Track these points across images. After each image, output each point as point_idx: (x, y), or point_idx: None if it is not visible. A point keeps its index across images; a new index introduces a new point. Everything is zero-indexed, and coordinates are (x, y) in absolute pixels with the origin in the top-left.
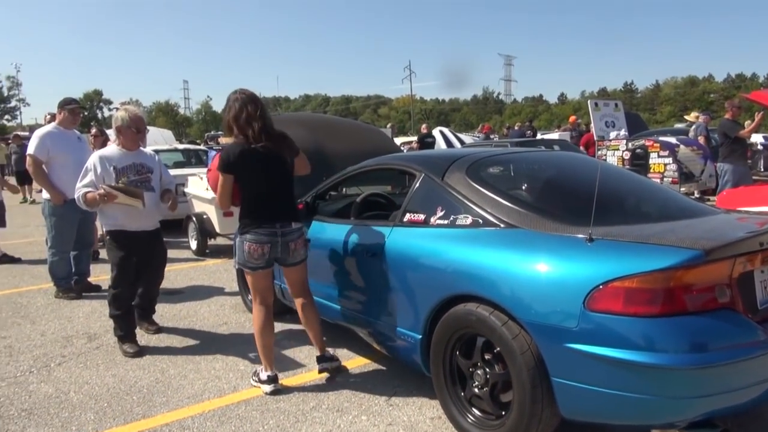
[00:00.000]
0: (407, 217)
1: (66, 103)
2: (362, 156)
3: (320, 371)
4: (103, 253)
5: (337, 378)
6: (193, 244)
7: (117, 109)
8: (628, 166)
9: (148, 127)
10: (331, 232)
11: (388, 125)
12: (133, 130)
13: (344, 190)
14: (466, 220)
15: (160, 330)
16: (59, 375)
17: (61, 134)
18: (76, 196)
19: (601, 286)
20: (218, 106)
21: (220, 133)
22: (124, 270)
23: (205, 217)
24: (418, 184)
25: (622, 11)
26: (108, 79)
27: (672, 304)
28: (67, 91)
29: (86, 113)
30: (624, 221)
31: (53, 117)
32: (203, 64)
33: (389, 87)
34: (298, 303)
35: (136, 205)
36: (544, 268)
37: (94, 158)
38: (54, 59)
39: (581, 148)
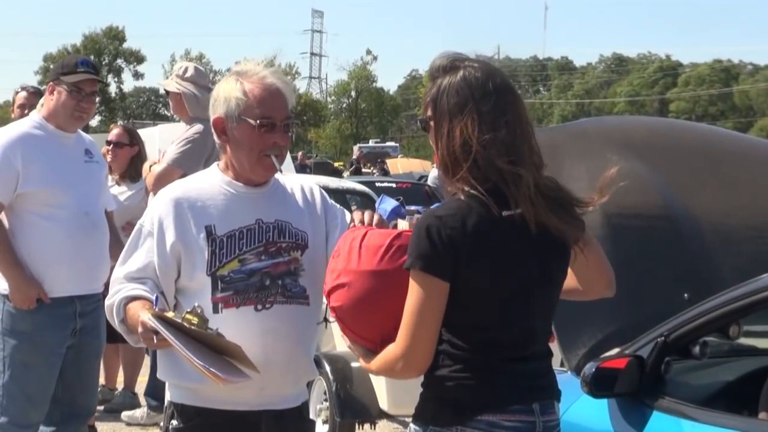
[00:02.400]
0: None
1: (62, 71)
2: None
3: None
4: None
5: None
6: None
7: (211, 82)
8: None
9: None
10: None
11: None
12: (259, 126)
13: (739, 329)
14: None
15: None
16: None
17: (49, 140)
18: (107, 303)
19: None
20: (389, 77)
21: (390, 145)
22: None
23: (353, 368)
24: None
25: None
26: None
27: None
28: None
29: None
30: None
31: (32, 96)
32: None
33: None
34: None
35: (236, 380)
36: None
37: (160, 205)
38: None
39: None
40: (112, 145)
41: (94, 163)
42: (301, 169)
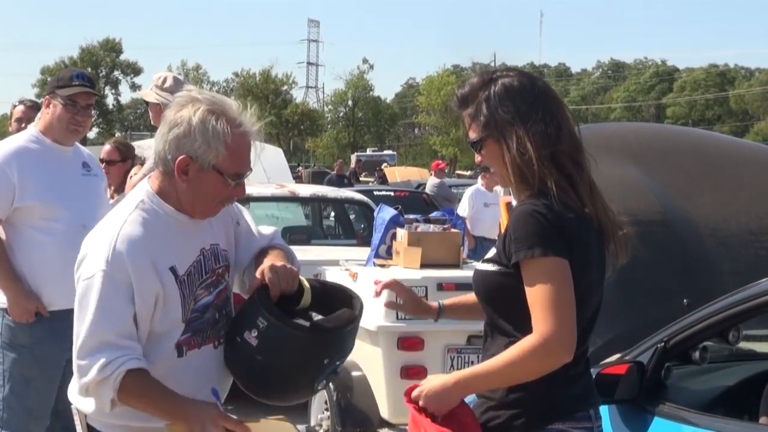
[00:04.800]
0: None
1: (57, 84)
2: None
3: None
4: None
5: None
6: None
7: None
8: None
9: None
10: None
11: None
12: (235, 185)
13: (738, 333)
14: None
15: None
16: None
17: (45, 153)
18: (95, 371)
19: None
20: (386, 86)
21: (387, 154)
22: None
23: (354, 377)
24: None
25: None
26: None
27: None
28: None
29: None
30: None
31: (29, 110)
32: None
33: None
34: None
35: None
36: None
37: (124, 247)
38: None
39: None
40: (104, 163)
41: (92, 176)
42: (338, 180)
